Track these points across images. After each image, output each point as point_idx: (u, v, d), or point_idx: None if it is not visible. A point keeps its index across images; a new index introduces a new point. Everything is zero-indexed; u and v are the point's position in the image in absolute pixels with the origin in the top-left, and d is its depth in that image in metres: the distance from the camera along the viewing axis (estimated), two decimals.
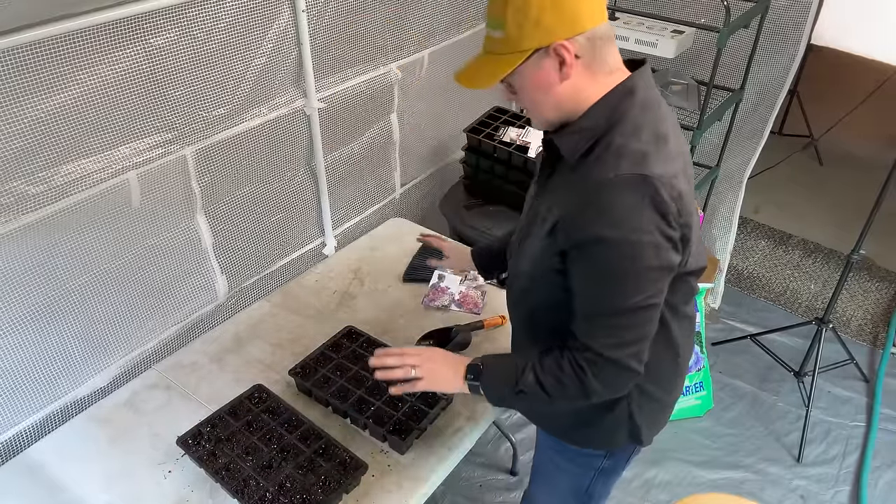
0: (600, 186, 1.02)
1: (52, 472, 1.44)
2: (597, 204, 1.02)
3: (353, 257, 2.12)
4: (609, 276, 1.05)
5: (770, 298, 3.17)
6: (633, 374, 1.11)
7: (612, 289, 1.06)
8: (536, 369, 1.16)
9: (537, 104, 1.10)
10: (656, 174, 1.01)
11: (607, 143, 1.05)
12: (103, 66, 1.35)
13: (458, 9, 2.33)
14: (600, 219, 1.02)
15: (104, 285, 1.58)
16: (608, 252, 1.03)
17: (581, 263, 1.07)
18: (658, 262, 1.04)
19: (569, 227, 1.06)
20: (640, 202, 1.01)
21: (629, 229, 1.01)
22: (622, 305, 1.06)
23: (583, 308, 1.11)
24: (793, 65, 2.42)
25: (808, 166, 4.15)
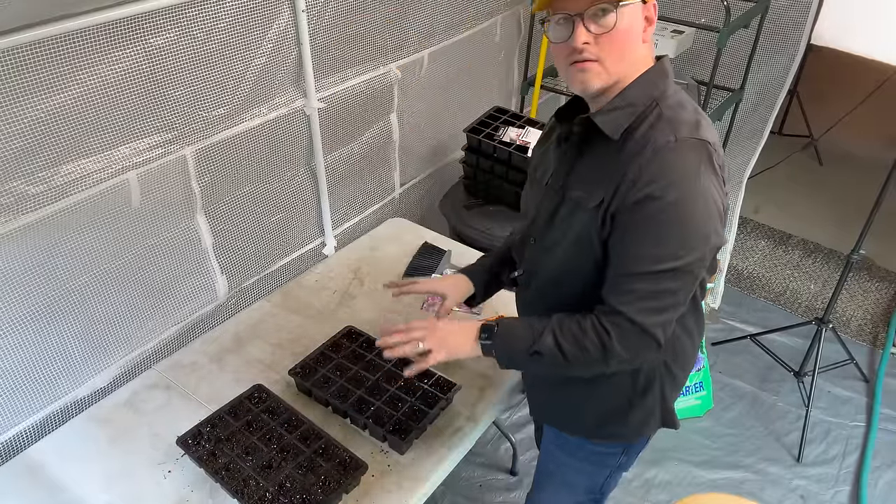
0: (660, 149, 1.05)
1: (52, 472, 1.44)
2: (658, 164, 1.04)
3: (353, 257, 2.12)
4: (663, 233, 1.06)
5: (770, 298, 3.17)
6: (656, 346, 1.11)
7: (662, 246, 1.06)
8: (556, 331, 1.14)
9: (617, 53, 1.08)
10: (710, 139, 1.07)
11: (657, 115, 1.08)
12: (103, 66, 1.35)
13: (458, 9, 2.33)
14: (662, 177, 1.04)
15: (104, 285, 1.58)
16: (667, 208, 1.04)
17: (633, 223, 1.07)
18: (711, 225, 1.07)
19: (623, 191, 1.06)
20: (700, 163, 1.05)
21: (689, 187, 1.04)
22: (668, 265, 1.06)
23: (622, 268, 1.10)
24: (793, 65, 2.42)
25: (808, 166, 4.15)
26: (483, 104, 2.61)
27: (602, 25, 1.05)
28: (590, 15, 1.04)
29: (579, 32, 1.05)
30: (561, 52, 1.10)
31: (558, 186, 1.20)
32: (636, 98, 1.10)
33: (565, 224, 1.17)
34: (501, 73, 2.80)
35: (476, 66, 2.59)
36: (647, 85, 1.11)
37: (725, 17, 2.03)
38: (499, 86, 2.82)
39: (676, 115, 1.09)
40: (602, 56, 1.07)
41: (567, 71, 1.11)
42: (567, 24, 1.06)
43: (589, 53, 1.06)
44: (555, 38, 1.09)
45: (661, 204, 1.04)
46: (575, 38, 1.05)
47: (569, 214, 1.17)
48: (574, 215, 1.15)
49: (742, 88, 2.47)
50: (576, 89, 1.13)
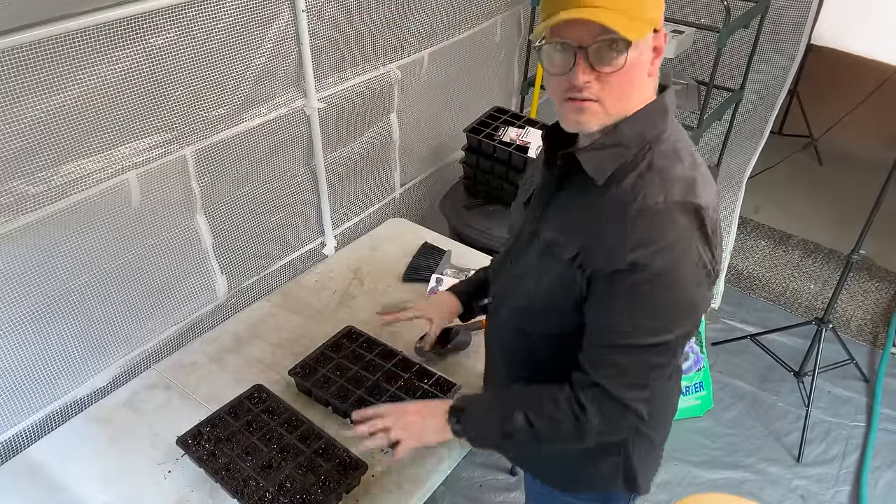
0: (646, 210, 0.93)
1: (51, 472, 1.44)
2: (643, 228, 0.94)
3: (353, 257, 2.12)
4: (646, 307, 0.96)
5: (770, 298, 3.17)
6: (638, 420, 1.03)
7: (645, 320, 0.97)
8: (527, 409, 1.06)
9: (621, 93, 0.95)
10: (703, 202, 0.95)
11: (647, 164, 0.97)
12: (103, 66, 1.35)
13: (458, 9, 2.33)
14: (647, 244, 0.93)
15: (104, 285, 1.58)
16: (653, 279, 0.94)
17: (615, 292, 0.97)
18: (699, 297, 0.98)
19: (602, 254, 0.97)
20: (690, 232, 0.94)
21: (676, 258, 0.94)
22: (650, 340, 0.98)
23: (602, 339, 1.01)
24: (793, 65, 2.42)
25: (808, 166, 4.15)
26: (483, 104, 2.60)
27: (608, 64, 0.91)
28: (595, 50, 0.90)
29: (581, 69, 0.92)
30: (556, 85, 0.97)
31: (534, 217, 1.11)
32: (628, 138, 0.98)
33: (541, 260, 1.08)
34: (501, 73, 2.80)
35: (476, 66, 2.59)
36: (643, 124, 0.98)
37: (725, 17, 2.03)
38: (499, 86, 2.82)
39: (669, 169, 0.96)
40: (603, 96, 0.94)
41: (561, 106, 0.98)
42: (567, 55, 0.92)
43: (589, 93, 0.93)
44: (550, 69, 0.95)
45: (646, 274, 0.94)
46: (575, 74, 0.92)
47: (543, 250, 1.07)
48: (548, 254, 1.06)
49: (742, 88, 2.47)
50: (569, 127, 1.00)
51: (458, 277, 1.97)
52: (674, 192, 0.94)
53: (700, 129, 2.25)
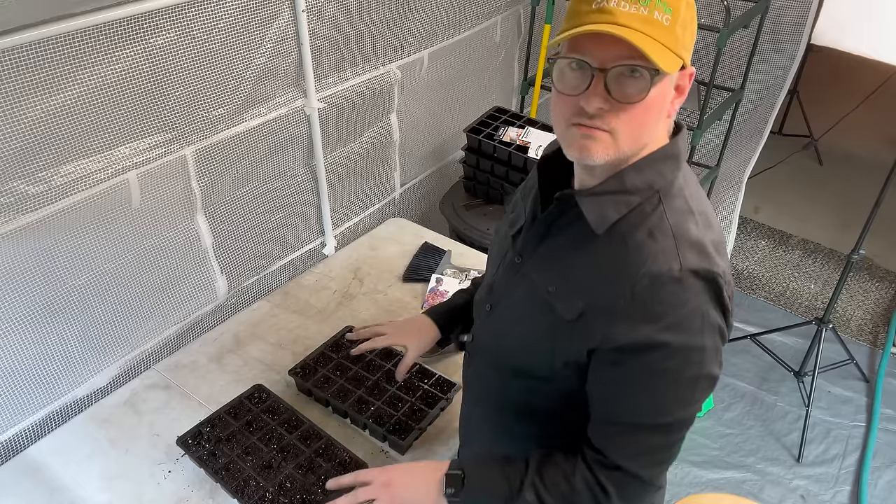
0: (659, 278, 0.84)
1: (52, 472, 1.44)
2: (657, 299, 0.84)
3: (352, 257, 2.12)
4: (661, 386, 0.88)
5: (770, 298, 3.17)
6: (656, 490, 0.97)
7: (662, 400, 0.89)
8: (538, 486, 0.95)
9: (635, 128, 0.84)
10: (721, 269, 0.86)
11: (658, 218, 0.87)
12: (103, 66, 1.35)
13: (458, 9, 2.33)
14: (660, 320, 0.84)
15: (104, 285, 1.58)
16: (666, 360, 0.86)
17: (624, 369, 0.88)
18: (717, 369, 0.90)
19: (611, 325, 0.87)
20: (707, 303, 0.85)
21: (694, 333, 0.85)
22: (671, 419, 0.90)
23: (619, 417, 0.92)
24: (793, 65, 2.42)
25: (808, 166, 4.15)
26: (483, 104, 2.61)
27: (627, 93, 0.80)
28: (615, 75, 0.80)
29: (596, 93, 0.80)
30: (564, 105, 0.85)
31: (520, 256, 1.00)
32: (635, 185, 0.87)
33: (529, 310, 0.97)
34: (501, 73, 2.80)
35: (476, 66, 2.59)
36: (653, 170, 0.88)
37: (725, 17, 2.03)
38: (499, 86, 2.82)
39: (683, 228, 0.86)
40: (616, 128, 0.83)
41: (567, 131, 0.86)
42: (583, 75, 0.81)
43: (601, 121, 0.82)
44: (561, 87, 0.84)
45: (663, 352, 0.85)
46: (588, 98, 0.81)
47: (533, 300, 0.96)
48: (539, 307, 0.95)
49: (742, 88, 2.47)
50: (572, 155, 0.88)
51: (457, 277, 1.97)
52: (689, 258, 0.85)
53: (700, 129, 2.24)
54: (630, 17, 0.77)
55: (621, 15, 0.77)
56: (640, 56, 0.77)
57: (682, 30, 0.80)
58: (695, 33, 0.85)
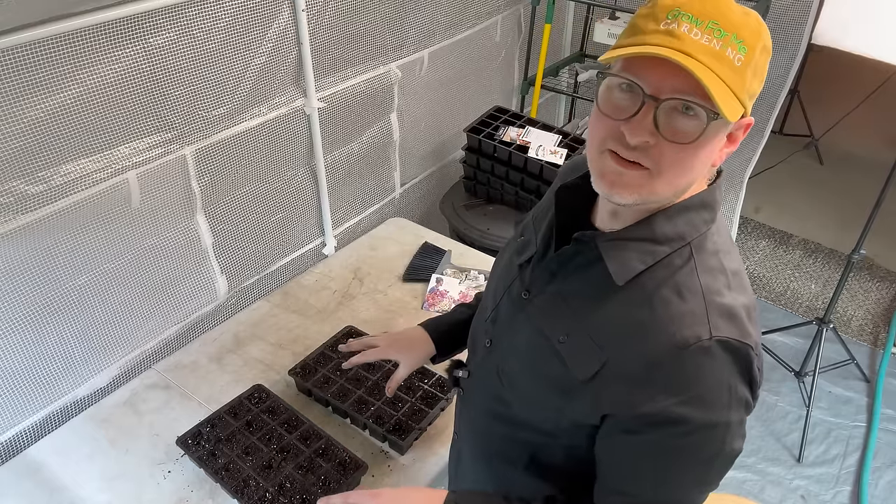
0: (687, 349, 0.75)
1: (52, 472, 1.44)
2: (682, 373, 0.76)
3: (353, 257, 2.12)
4: (678, 464, 0.81)
5: (771, 298, 3.17)
6: None
7: (675, 478, 0.82)
8: None
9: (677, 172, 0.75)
10: (754, 340, 0.78)
11: (688, 274, 0.78)
12: (103, 66, 1.35)
13: (458, 9, 2.33)
14: (683, 393, 0.76)
15: (104, 285, 1.58)
16: (687, 436, 0.77)
17: (638, 440, 0.80)
18: (739, 443, 0.82)
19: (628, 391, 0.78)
20: (735, 376, 0.77)
21: (719, 409, 0.77)
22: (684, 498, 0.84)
23: (621, 486, 0.85)
24: (793, 64, 2.42)
25: (809, 166, 4.15)
26: (483, 104, 2.60)
27: (678, 130, 0.71)
28: (668, 108, 0.71)
29: (643, 124, 0.71)
30: (603, 127, 0.75)
31: (526, 292, 0.91)
32: (666, 234, 0.78)
33: (535, 357, 0.88)
34: (501, 73, 2.80)
35: (476, 66, 2.58)
36: (685, 219, 0.79)
37: None
38: (499, 86, 2.82)
39: (714, 287, 0.77)
40: (657, 168, 0.73)
41: (599, 157, 0.77)
42: (633, 99, 0.72)
43: (642, 155, 0.73)
44: (605, 106, 0.75)
45: (684, 428, 0.77)
46: (632, 128, 0.72)
47: (541, 348, 0.87)
48: (548, 357, 0.86)
49: None
50: (600, 189, 0.78)
51: (457, 277, 1.97)
52: (720, 326, 0.75)
53: None
54: (699, 47, 0.68)
55: (690, 43, 0.68)
56: (702, 93, 0.68)
57: (752, 75, 0.71)
58: (763, 81, 0.74)
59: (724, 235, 0.83)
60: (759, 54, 0.71)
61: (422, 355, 1.25)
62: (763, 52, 0.72)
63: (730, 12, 0.69)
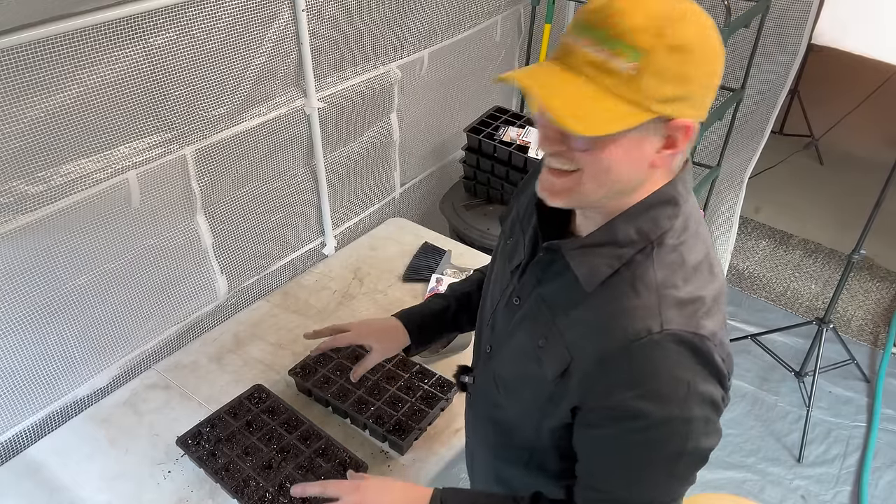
0: (641, 343, 0.75)
1: (52, 472, 1.44)
2: (634, 367, 0.76)
3: (353, 257, 2.12)
4: (641, 459, 0.81)
5: (771, 298, 3.17)
6: None
7: (641, 473, 0.83)
8: None
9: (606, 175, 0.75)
10: (709, 331, 0.77)
11: (643, 272, 0.78)
12: (103, 66, 1.35)
13: (458, 9, 2.33)
14: (641, 388, 0.76)
15: (104, 285, 1.58)
16: (647, 430, 0.78)
17: (602, 433, 0.82)
18: (707, 441, 0.81)
19: (591, 386, 0.80)
20: (693, 369, 0.76)
21: (677, 403, 0.76)
22: (650, 495, 0.84)
23: (594, 482, 0.87)
24: (793, 64, 2.42)
25: (809, 166, 4.15)
26: (483, 104, 2.60)
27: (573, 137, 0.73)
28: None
29: (546, 133, 0.75)
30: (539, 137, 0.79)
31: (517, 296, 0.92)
32: (629, 236, 0.79)
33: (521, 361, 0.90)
34: (502, 73, 2.79)
35: (476, 66, 2.58)
36: (646, 217, 0.79)
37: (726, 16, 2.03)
38: (499, 86, 2.82)
39: (670, 281, 0.77)
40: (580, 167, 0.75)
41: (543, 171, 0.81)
42: (539, 115, 0.76)
43: (565, 162, 0.75)
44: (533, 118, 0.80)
45: (643, 422, 0.77)
46: (542, 140, 0.76)
47: (525, 351, 0.89)
48: (529, 359, 0.88)
49: (743, 88, 2.47)
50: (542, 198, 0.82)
51: (457, 277, 1.97)
52: (672, 318, 0.75)
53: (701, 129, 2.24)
54: (585, 61, 0.69)
55: (579, 56, 0.70)
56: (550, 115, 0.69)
57: (655, 78, 0.68)
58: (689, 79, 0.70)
59: (692, 227, 0.82)
60: (663, 56, 0.67)
61: (395, 344, 1.25)
62: (672, 51, 0.67)
63: (627, 17, 0.67)
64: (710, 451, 0.82)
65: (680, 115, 0.71)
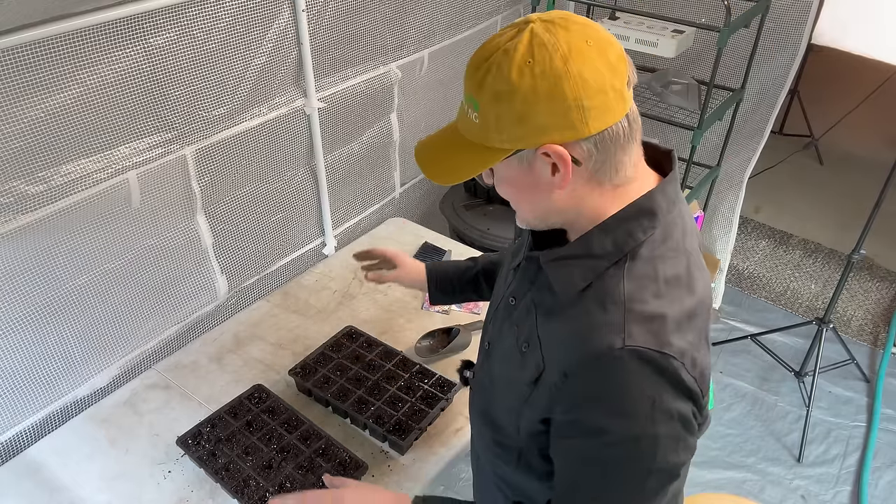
0: (602, 359, 0.75)
1: (52, 472, 1.44)
2: (597, 382, 0.76)
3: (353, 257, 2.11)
4: (606, 475, 0.80)
5: (770, 298, 3.17)
6: None
7: (605, 490, 0.81)
8: None
9: (521, 203, 0.84)
10: (677, 349, 0.75)
11: (612, 286, 0.78)
12: (103, 66, 1.35)
13: (458, 9, 2.33)
14: (603, 404, 0.76)
15: (104, 285, 1.58)
16: (610, 447, 0.77)
17: (569, 445, 0.82)
18: (676, 457, 0.79)
19: (558, 397, 0.80)
20: (657, 384, 0.75)
21: (641, 421, 0.75)
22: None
23: (564, 495, 0.86)
24: (793, 64, 2.42)
25: (809, 166, 4.15)
26: None
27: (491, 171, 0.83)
28: None
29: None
30: None
31: (512, 296, 0.93)
32: (604, 247, 0.79)
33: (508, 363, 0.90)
34: None
35: None
36: (622, 230, 0.79)
37: (726, 16, 2.03)
38: None
39: (638, 296, 0.76)
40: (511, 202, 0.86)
41: None
42: None
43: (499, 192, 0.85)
44: None
45: (605, 439, 0.76)
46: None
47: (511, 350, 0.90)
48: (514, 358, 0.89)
49: (742, 88, 2.47)
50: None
51: None
52: (636, 335, 0.74)
53: (700, 129, 2.24)
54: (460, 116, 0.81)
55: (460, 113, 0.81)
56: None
57: (494, 122, 0.74)
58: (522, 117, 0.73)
59: (675, 239, 0.81)
60: (489, 104, 0.74)
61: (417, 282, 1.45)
62: (494, 99, 0.74)
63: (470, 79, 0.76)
64: (681, 468, 0.80)
65: (538, 144, 0.74)
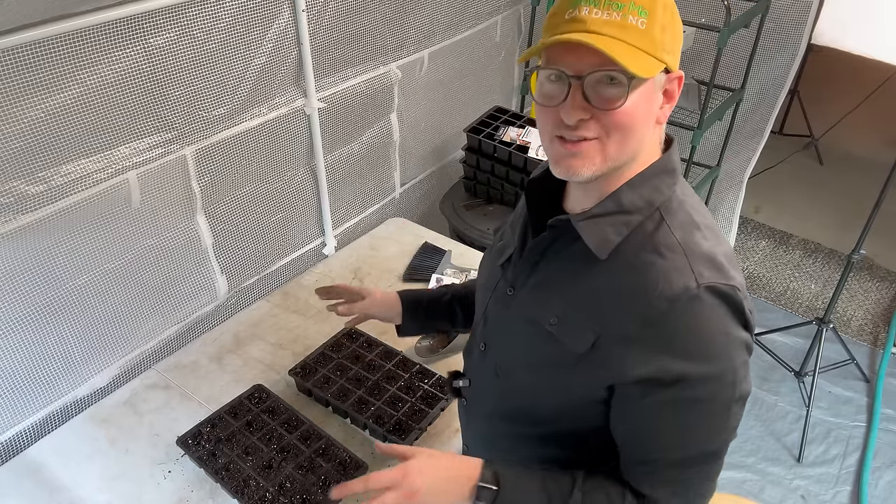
0: (679, 300, 0.78)
1: (52, 472, 1.44)
2: (676, 326, 0.79)
3: (353, 257, 2.12)
4: (695, 418, 0.83)
5: (770, 298, 3.17)
6: None
7: (696, 432, 0.84)
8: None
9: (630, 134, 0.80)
10: (739, 282, 0.82)
11: (663, 235, 0.82)
12: (103, 66, 1.35)
13: (458, 9, 2.33)
14: (682, 347, 0.79)
15: (104, 285, 1.58)
16: (696, 388, 0.81)
17: (651, 402, 0.83)
18: (747, 386, 0.85)
19: (629, 354, 0.81)
20: (729, 320, 0.80)
21: (722, 357, 0.80)
22: (706, 451, 0.86)
23: (645, 455, 0.87)
24: (793, 64, 2.42)
25: (809, 166, 4.15)
26: (483, 104, 2.60)
27: (606, 99, 0.77)
28: (592, 83, 0.77)
29: (575, 103, 0.78)
30: (546, 117, 0.82)
31: (512, 287, 0.95)
32: (634, 203, 0.83)
33: (532, 346, 0.90)
34: (501, 73, 2.80)
35: (476, 66, 2.58)
36: (649, 186, 0.84)
37: (726, 16, 2.03)
38: (499, 86, 2.82)
39: (691, 240, 0.81)
40: (601, 135, 0.80)
41: (551, 145, 0.83)
42: (561, 85, 0.79)
43: (585, 130, 0.79)
44: (541, 98, 0.82)
45: (691, 381, 0.80)
46: (568, 109, 0.78)
47: (535, 334, 0.89)
48: (543, 341, 0.89)
49: (743, 88, 2.47)
50: (559, 173, 0.84)
51: (457, 277, 1.97)
52: (705, 274, 0.79)
53: (700, 129, 2.24)
54: (603, 23, 0.75)
55: (594, 22, 0.76)
56: (612, 63, 0.74)
57: (660, 32, 0.77)
58: (678, 36, 0.81)
59: (690, 195, 0.88)
60: (661, 12, 0.77)
61: (390, 315, 1.33)
62: (665, 9, 0.78)
63: None
64: (749, 394, 0.86)
65: (673, 67, 0.80)
